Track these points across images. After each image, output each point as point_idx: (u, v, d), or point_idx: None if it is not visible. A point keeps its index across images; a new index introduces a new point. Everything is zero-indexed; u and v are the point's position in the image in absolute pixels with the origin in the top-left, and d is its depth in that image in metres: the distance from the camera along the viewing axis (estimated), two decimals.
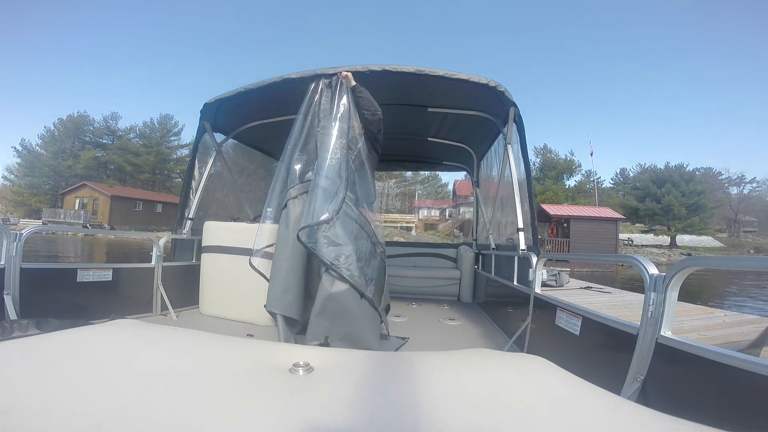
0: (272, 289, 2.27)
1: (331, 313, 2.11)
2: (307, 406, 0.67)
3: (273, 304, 2.25)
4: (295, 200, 2.38)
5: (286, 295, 2.26)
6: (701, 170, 44.79)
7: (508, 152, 2.99)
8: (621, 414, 0.68)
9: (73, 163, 43.18)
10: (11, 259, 2.16)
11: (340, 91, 2.47)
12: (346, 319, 2.12)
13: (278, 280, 2.27)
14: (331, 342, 2.09)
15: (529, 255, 2.42)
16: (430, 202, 45.96)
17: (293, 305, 2.28)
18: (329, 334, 2.11)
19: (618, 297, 5.45)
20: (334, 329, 2.12)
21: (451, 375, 0.86)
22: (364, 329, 2.15)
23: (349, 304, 2.12)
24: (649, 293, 1.29)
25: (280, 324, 2.27)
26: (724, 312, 3.96)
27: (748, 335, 2.67)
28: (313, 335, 2.12)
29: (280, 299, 2.25)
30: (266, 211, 2.48)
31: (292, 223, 2.33)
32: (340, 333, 2.12)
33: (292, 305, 2.27)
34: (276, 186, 2.50)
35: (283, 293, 2.26)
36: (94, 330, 1.11)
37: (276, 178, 2.52)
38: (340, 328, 2.12)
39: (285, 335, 2.26)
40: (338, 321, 2.12)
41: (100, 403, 0.65)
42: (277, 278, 2.28)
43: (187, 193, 3.63)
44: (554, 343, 1.97)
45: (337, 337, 2.11)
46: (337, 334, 2.11)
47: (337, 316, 2.11)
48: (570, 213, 23.81)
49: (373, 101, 2.53)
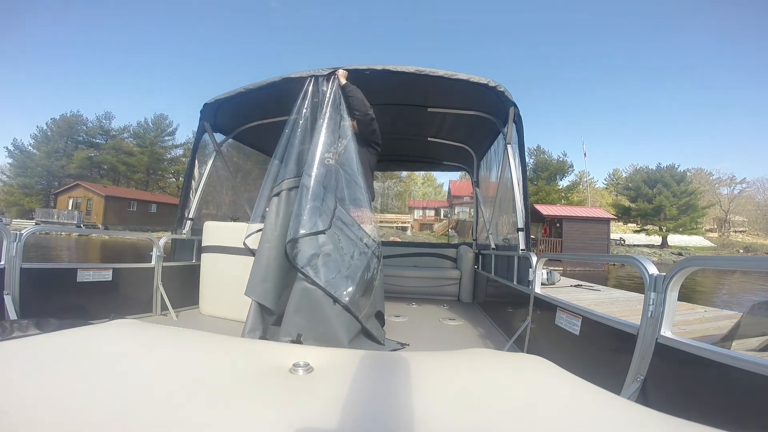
0: (252, 275, 2.25)
1: (305, 312, 2.12)
2: (307, 406, 0.67)
3: (251, 290, 2.23)
4: (289, 192, 2.40)
5: (264, 282, 2.24)
6: (692, 171, 45.28)
7: (507, 152, 3.01)
8: (621, 414, 0.68)
9: (66, 163, 42.57)
10: (11, 259, 2.15)
11: (333, 89, 2.50)
12: (319, 320, 2.11)
13: (259, 266, 2.26)
14: (304, 340, 2.08)
15: (529, 255, 2.44)
16: (425, 202, 45.96)
17: (269, 294, 2.25)
18: (303, 332, 2.11)
19: (606, 294, 5.53)
20: (308, 328, 2.11)
21: (451, 375, 0.86)
22: (339, 333, 2.11)
23: (323, 307, 2.12)
24: (649, 293, 1.29)
25: (252, 312, 2.22)
26: (705, 308, 4.06)
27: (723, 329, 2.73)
28: (287, 331, 2.12)
29: (258, 286, 2.23)
30: (260, 210, 2.51)
31: (282, 213, 2.34)
32: (315, 332, 2.11)
33: (267, 294, 2.24)
34: (267, 184, 2.52)
35: (262, 280, 2.24)
36: (93, 330, 1.09)
37: (267, 174, 2.55)
38: (314, 327, 2.11)
39: (252, 324, 2.20)
40: (312, 321, 2.11)
41: (100, 403, 0.65)
42: (259, 265, 2.27)
43: (186, 193, 3.62)
44: (554, 343, 1.98)
45: (312, 336, 2.10)
46: (311, 333, 2.10)
47: (311, 315, 2.11)
48: (562, 213, 23.96)
49: (364, 101, 2.51)
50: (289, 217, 2.32)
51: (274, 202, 2.39)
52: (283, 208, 2.36)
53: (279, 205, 2.38)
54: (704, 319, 3.51)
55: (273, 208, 2.38)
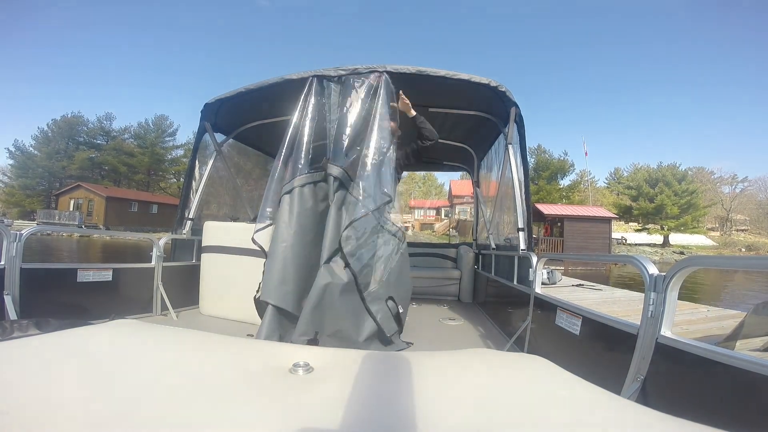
0: (267, 278, 2.13)
1: (325, 307, 2.06)
2: (307, 406, 0.66)
3: (267, 293, 2.10)
4: (302, 189, 2.33)
5: (283, 285, 2.12)
6: (694, 169, 45.27)
7: (509, 152, 3.00)
8: (621, 414, 0.68)
9: (67, 164, 42.70)
10: (11, 260, 2.15)
11: (381, 91, 2.46)
12: (338, 315, 2.08)
13: (275, 268, 2.14)
14: (320, 338, 2.05)
15: (529, 255, 2.44)
16: (426, 203, 45.97)
17: (289, 297, 2.13)
18: (320, 330, 2.06)
19: (608, 294, 5.51)
20: (325, 325, 2.08)
21: (451, 375, 0.86)
22: (356, 329, 2.12)
23: (344, 301, 2.09)
24: (649, 293, 1.29)
25: (268, 316, 2.08)
26: (707, 307, 4.04)
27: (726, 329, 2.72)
28: (303, 330, 2.04)
29: (276, 288, 2.11)
30: (265, 211, 2.44)
31: (296, 211, 2.27)
32: (331, 329, 2.08)
33: (287, 297, 2.12)
34: (272, 183, 2.46)
35: (280, 283, 2.12)
36: (94, 330, 1.09)
37: (273, 172, 2.49)
38: (332, 324, 2.08)
39: (269, 329, 2.06)
40: (331, 316, 2.08)
41: (100, 403, 0.65)
42: (274, 266, 2.14)
43: (187, 193, 3.62)
44: (554, 343, 1.98)
45: (328, 332, 2.07)
46: (328, 330, 2.08)
47: (330, 310, 2.07)
48: (564, 212, 23.95)
49: (433, 130, 2.81)
50: (305, 214, 2.27)
51: (286, 200, 2.30)
52: (297, 206, 2.28)
53: (292, 202, 2.29)
54: (707, 318, 3.49)
55: (285, 206, 2.29)
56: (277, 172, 2.45)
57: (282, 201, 2.32)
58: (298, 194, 2.31)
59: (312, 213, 2.35)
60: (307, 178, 2.36)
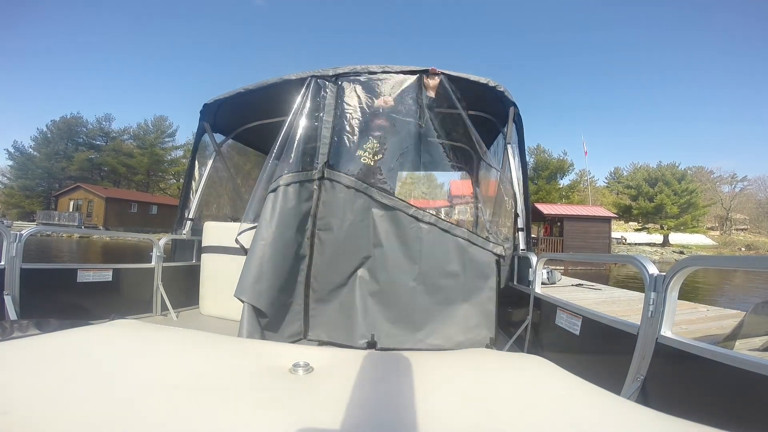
0: (244, 275, 2.14)
1: (379, 306, 2.27)
2: (307, 406, 0.66)
3: (242, 291, 2.10)
4: (287, 188, 2.31)
5: (257, 283, 2.13)
6: (693, 169, 45.26)
7: (507, 152, 3.00)
8: (621, 414, 0.68)
9: (66, 164, 42.70)
10: (11, 260, 2.15)
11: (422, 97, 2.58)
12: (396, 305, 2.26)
13: (251, 266, 2.14)
14: (378, 339, 2.17)
15: (528, 255, 2.43)
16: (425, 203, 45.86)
17: (263, 296, 2.13)
18: (375, 332, 2.20)
19: (607, 293, 5.50)
20: (380, 326, 2.24)
21: (451, 375, 0.86)
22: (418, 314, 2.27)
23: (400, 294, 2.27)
24: (650, 293, 1.29)
25: (246, 315, 2.08)
26: (707, 307, 4.04)
27: (725, 329, 2.72)
28: (361, 333, 2.22)
29: (251, 287, 2.11)
30: (251, 211, 2.46)
31: (278, 210, 2.26)
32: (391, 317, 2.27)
33: (261, 295, 2.13)
34: (262, 183, 2.45)
35: (255, 281, 2.13)
36: (93, 330, 1.09)
37: (263, 173, 2.49)
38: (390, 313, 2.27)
39: (249, 328, 2.06)
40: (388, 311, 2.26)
41: (100, 403, 0.65)
42: (251, 264, 2.15)
43: (186, 193, 3.62)
44: (554, 343, 1.98)
45: (384, 332, 2.22)
46: (383, 329, 2.24)
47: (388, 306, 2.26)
48: (563, 212, 23.93)
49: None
50: (287, 214, 2.27)
51: (270, 199, 2.29)
52: (280, 205, 2.27)
53: (276, 201, 2.27)
54: (706, 318, 3.49)
55: (269, 204, 2.28)
56: (266, 172, 2.46)
57: (267, 199, 2.32)
58: (283, 193, 2.31)
59: (294, 212, 2.34)
60: (292, 177, 2.35)
